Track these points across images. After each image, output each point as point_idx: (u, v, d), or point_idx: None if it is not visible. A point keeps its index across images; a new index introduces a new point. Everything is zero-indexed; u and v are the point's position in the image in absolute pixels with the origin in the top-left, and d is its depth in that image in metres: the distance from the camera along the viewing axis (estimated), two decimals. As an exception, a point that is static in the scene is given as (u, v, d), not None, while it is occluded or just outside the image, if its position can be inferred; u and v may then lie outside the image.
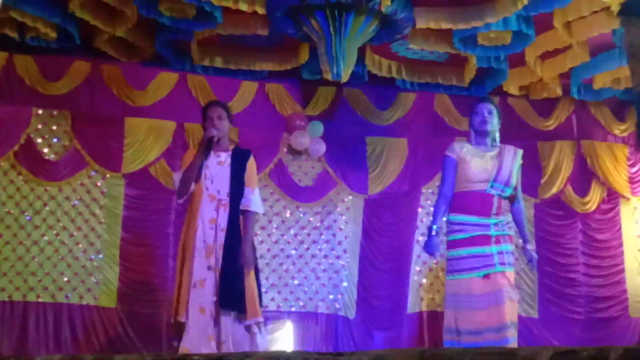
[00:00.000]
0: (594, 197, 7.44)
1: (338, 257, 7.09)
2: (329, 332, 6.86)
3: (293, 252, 7.02)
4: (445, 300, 4.37)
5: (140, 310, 6.46)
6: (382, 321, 6.98)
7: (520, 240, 6.82)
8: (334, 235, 7.12)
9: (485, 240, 4.26)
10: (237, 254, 4.23)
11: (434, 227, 4.33)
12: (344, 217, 7.18)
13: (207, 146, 4.32)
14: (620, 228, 7.46)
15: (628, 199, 7.49)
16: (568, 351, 1.88)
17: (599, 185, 7.48)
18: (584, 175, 7.50)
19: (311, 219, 7.12)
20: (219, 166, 4.37)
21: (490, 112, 4.45)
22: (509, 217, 4.39)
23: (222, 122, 4.42)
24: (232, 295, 4.17)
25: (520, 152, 4.53)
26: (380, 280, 7.08)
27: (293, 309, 6.90)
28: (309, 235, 7.09)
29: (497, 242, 4.27)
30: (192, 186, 4.31)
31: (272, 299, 6.81)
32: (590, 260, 7.35)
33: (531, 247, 4.50)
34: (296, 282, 6.96)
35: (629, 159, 7.56)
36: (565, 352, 1.88)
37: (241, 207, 4.39)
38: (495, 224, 4.29)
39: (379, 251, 7.13)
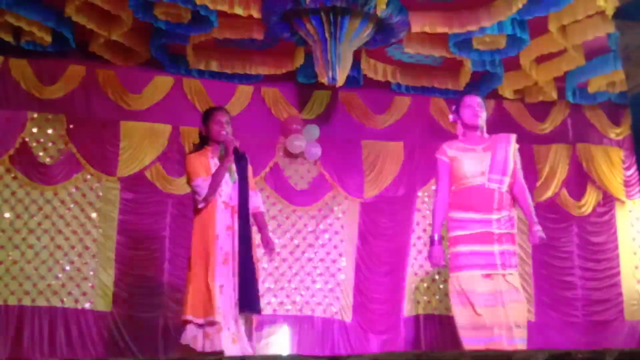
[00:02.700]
0: (590, 201, 7.46)
1: (334, 261, 7.08)
2: (325, 336, 6.85)
3: (289, 255, 7.01)
4: (451, 298, 4.25)
5: (136, 314, 6.44)
6: (379, 325, 6.97)
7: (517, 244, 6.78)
8: (330, 239, 7.12)
9: (487, 238, 4.17)
10: (250, 257, 4.31)
11: (435, 235, 4.25)
12: (340, 221, 7.18)
13: (235, 153, 4.35)
14: (615, 231, 7.47)
15: (623, 202, 7.51)
16: (563, 354, 1.88)
17: (594, 188, 7.49)
18: (580, 178, 7.52)
19: (307, 222, 7.11)
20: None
21: (480, 106, 4.38)
22: (512, 213, 4.31)
23: (230, 128, 4.46)
24: (250, 297, 4.26)
25: (513, 136, 4.41)
26: (377, 283, 7.08)
27: (289, 313, 6.88)
28: (305, 238, 7.08)
29: (500, 241, 4.17)
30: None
31: (269, 303, 6.80)
32: (586, 263, 7.36)
33: (538, 227, 4.30)
34: (292, 285, 6.95)
35: (624, 162, 7.59)
36: (560, 355, 1.88)
37: (253, 211, 4.48)
38: (497, 220, 4.19)
39: (375, 255, 7.13)
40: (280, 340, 6.75)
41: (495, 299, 4.10)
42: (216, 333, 4.15)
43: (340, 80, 5.83)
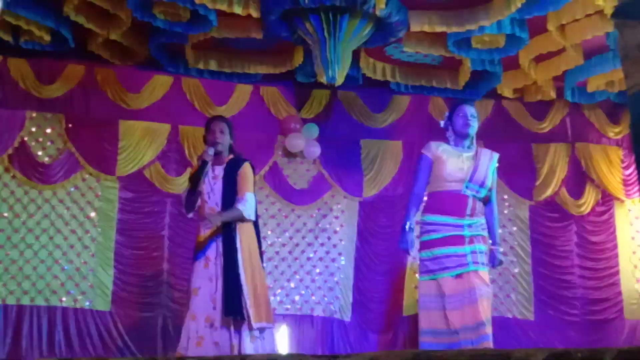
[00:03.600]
0: (589, 200, 7.46)
1: (333, 260, 7.08)
2: (324, 335, 6.86)
3: (288, 254, 7.01)
4: (419, 302, 4.37)
5: (135, 314, 6.45)
6: (378, 324, 6.97)
7: (516, 243, 6.83)
8: (329, 238, 7.12)
9: (458, 240, 4.27)
10: (234, 262, 4.27)
11: (407, 223, 4.36)
12: (339, 220, 7.18)
13: (202, 167, 4.36)
14: (614, 230, 7.48)
15: (622, 201, 7.52)
16: (562, 353, 1.88)
17: (593, 187, 7.50)
18: (579, 177, 7.52)
19: (306, 221, 7.11)
20: (213, 180, 4.42)
21: (473, 116, 4.50)
22: (483, 219, 4.42)
23: (224, 137, 4.46)
24: (232, 302, 4.20)
25: (496, 155, 4.55)
26: (376, 282, 7.08)
27: (289, 312, 6.89)
28: (304, 237, 7.08)
29: (471, 242, 4.28)
30: (198, 202, 4.44)
31: (267, 302, 6.80)
32: (585, 262, 7.37)
33: (499, 249, 4.48)
34: (292, 284, 6.96)
35: (623, 162, 7.59)
36: (559, 354, 1.88)
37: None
38: (469, 225, 4.31)
39: (374, 254, 7.13)
40: (280, 339, 6.75)
41: (465, 299, 4.19)
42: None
43: (339, 79, 5.83)
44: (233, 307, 4.17)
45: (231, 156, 4.54)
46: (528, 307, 7.19)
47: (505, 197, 7.44)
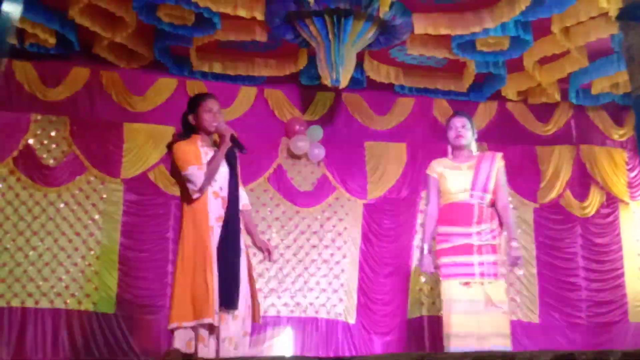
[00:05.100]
0: (593, 202, 7.45)
1: (338, 262, 7.08)
2: (329, 338, 6.85)
3: (293, 257, 7.01)
4: (443, 306, 4.53)
5: (139, 316, 6.45)
6: (383, 326, 6.97)
7: (521, 245, 6.78)
8: (334, 240, 7.12)
9: (467, 249, 4.44)
10: (237, 252, 4.04)
11: (425, 246, 4.58)
12: (343, 222, 7.18)
13: (236, 143, 4.11)
14: (619, 232, 7.46)
15: (627, 204, 7.50)
16: (567, 355, 1.88)
17: (598, 189, 7.48)
18: (583, 179, 7.51)
19: (310, 223, 7.11)
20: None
21: (464, 126, 4.65)
22: (494, 225, 4.50)
23: (222, 117, 4.21)
24: (230, 294, 3.96)
25: (499, 155, 4.69)
26: (380, 285, 7.07)
27: (293, 314, 6.88)
28: (308, 240, 7.08)
29: (479, 252, 4.43)
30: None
31: (272, 304, 6.80)
32: (590, 264, 7.35)
33: (516, 244, 4.51)
34: (296, 287, 6.95)
35: (627, 164, 7.58)
36: (564, 356, 1.88)
37: (242, 209, 4.21)
38: (478, 233, 4.46)
39: (378, 256, 7.12)
40: (284, 341, 6.75)
41: (472, 307, 4.32)
42: (209, 336, 3.89)
43: (344, 82, 5.84)
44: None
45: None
46: (533, 309, 7.18)
47: (510, 199, 7.39)
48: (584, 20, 5.77)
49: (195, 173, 4.00)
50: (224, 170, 4.11)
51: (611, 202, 7.50)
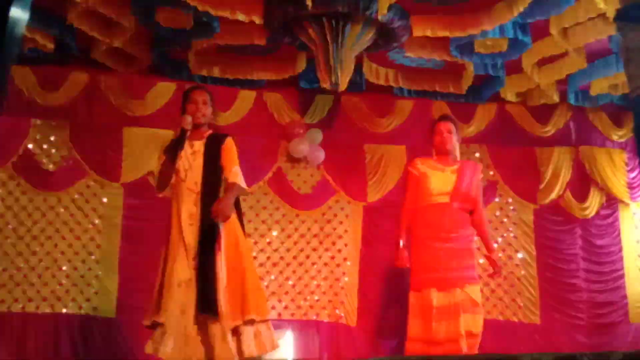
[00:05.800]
0: (593, 203, 7.45)
1: (338, 265, 7.07)
2: (330, 341, 6.84)
3: (293, 260, 7.01)
4: (409, 312, 4.57)
5: (140, 320, 6.42)
6: (384, 329, 6.95)
7: (521, 247, 6.81)
8: (334, 243, 7.11)
9: (445, 253, 4.44)
10: (212, 252, 3.98)
11: (400, 241, 4.62)
12: (343, 225, 7.17)
13: (182, 137, 4.04)
14: (619, 233, 7.46)
15: (627, 205, 7.50)
16: (568, 356, 1.88)
17: (597, 190, 7.48)
18: (583, 181, 7.51)
19: (310, 226, 7.11)
20: (192, 156, 4.12)
21: (449, 132, 4.66)
22: (470, 231, 4.51)
23: (207, 109, 4.20)
24: (208, 298, 3.96)
25: (480, 166, 4.78)
26: (381, 287, 7.07)
27: (294, 317, 6.88)
28: (308, 243, 7.08)
29: (457, 256, 4.41)
30: (172, 179, 4.12)
31: (273, 307, 6.79)
32: (590, 265, 7.35)
33: (495, 256, 4.56)
34: (297, 290, 6.95)
35: (627, 165, 7.58)
36: (565, 357, 1.88)
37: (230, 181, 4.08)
38: (456, 237, 4.48)
39: (379, 258, 7.11)
40: (285, 345, 6.74)
41: (449, 312, 4.31)
42: (161, 336, 3.91)
43: (343, 85, 5.84)
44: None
45: (210, 131, 4.27)
46: (534, 310, 7.17)
47: (510, 200, 7.43)
48: (582, 21, 5.78)
49: (155, 172, 4.18)
50: (196, 164, 4.06)
51: (611, 203, 7.50)
